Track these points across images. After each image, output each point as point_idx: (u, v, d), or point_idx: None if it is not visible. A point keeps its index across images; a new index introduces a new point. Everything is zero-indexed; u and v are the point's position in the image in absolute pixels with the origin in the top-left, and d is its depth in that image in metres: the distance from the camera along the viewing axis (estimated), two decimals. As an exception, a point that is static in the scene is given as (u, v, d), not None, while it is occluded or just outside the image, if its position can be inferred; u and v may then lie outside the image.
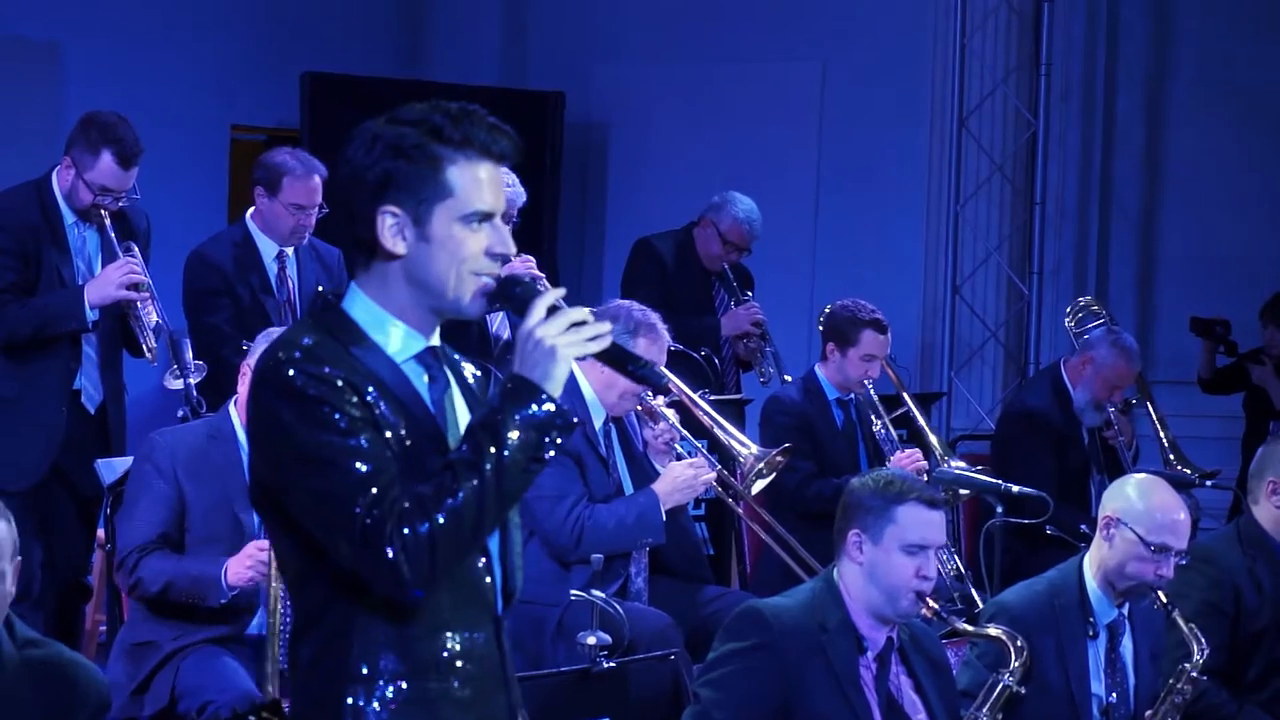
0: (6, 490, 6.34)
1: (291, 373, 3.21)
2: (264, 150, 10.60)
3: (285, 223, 7.42)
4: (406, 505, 3.15)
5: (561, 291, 3.33)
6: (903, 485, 5.04)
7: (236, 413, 6.06)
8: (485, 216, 3.31)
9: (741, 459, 6.69)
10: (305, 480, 3.21)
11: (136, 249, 6.86)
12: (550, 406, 3.22)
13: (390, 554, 3.14)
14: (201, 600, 5.80)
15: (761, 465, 6.70)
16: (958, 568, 7.57)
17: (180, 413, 6.76)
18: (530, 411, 3.21)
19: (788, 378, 8.75)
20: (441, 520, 3.15)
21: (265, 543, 5.52)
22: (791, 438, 7.51)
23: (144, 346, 6.88)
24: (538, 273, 7.48)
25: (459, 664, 3.32)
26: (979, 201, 10.58)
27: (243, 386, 6.05)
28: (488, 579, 3.38)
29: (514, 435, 3.18)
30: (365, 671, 3.27)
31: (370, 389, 3.24)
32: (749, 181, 9.36)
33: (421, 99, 3.36)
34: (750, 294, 9.11)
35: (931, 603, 5.00)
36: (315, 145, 8.55)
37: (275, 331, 6.08)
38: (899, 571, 4.95)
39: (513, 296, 3.32)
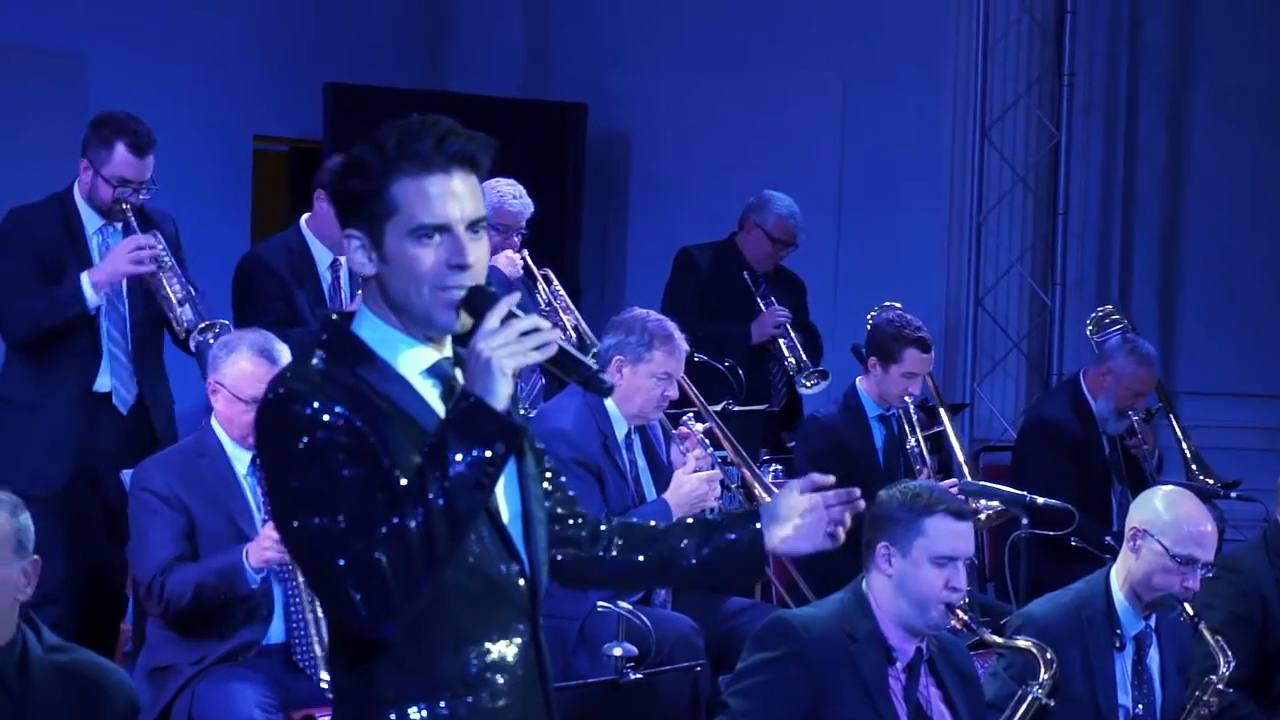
0: (29, 495, 6.35)
1: (293, 409, 3.22)
2: (287, 161, 10.75)
3: None
4: (359, 546, 3.13)
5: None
6: (931, 497, 5.06)
7: (219, 427, 6.08)
8: (439, 229, 3.28)
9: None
10: (289, 516, 3.22)
11: (159, 234, 6.87)
12: (492, 421, 3.17)
13: (348, 593, 3.14)
14: (233, 592, 5.80)
15: None
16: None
17: None
18: (472, 428, 3.17)
19: (806, 362, 8.82)
20: (390, 555, 3.12)
21: None
22: (826, 462, 7.53)
23: (175, 325, 6.86)
24: (522, 268, 7.50)
25: (488, 676, 3.31)
26: (1001, 212, 10.56)
27: (215, 402, 6.09)
28: (520, 582, 3.36)
29: (458, 457, 3.15)
30: (394, 694, 3.27)
31: (375, 416, 3.23)
32: (770, 191, 9.33)
33: (443, 110, 3.35)
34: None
35: (961, 614, 5.02)
36: (338, 157, 8.54)
37: (231, 339, 6.13)
38: (928, 583, 4.97)
39: (473, 308, 3.28)
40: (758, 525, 3.67)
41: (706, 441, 6.74)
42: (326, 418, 3.19)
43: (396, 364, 3.33)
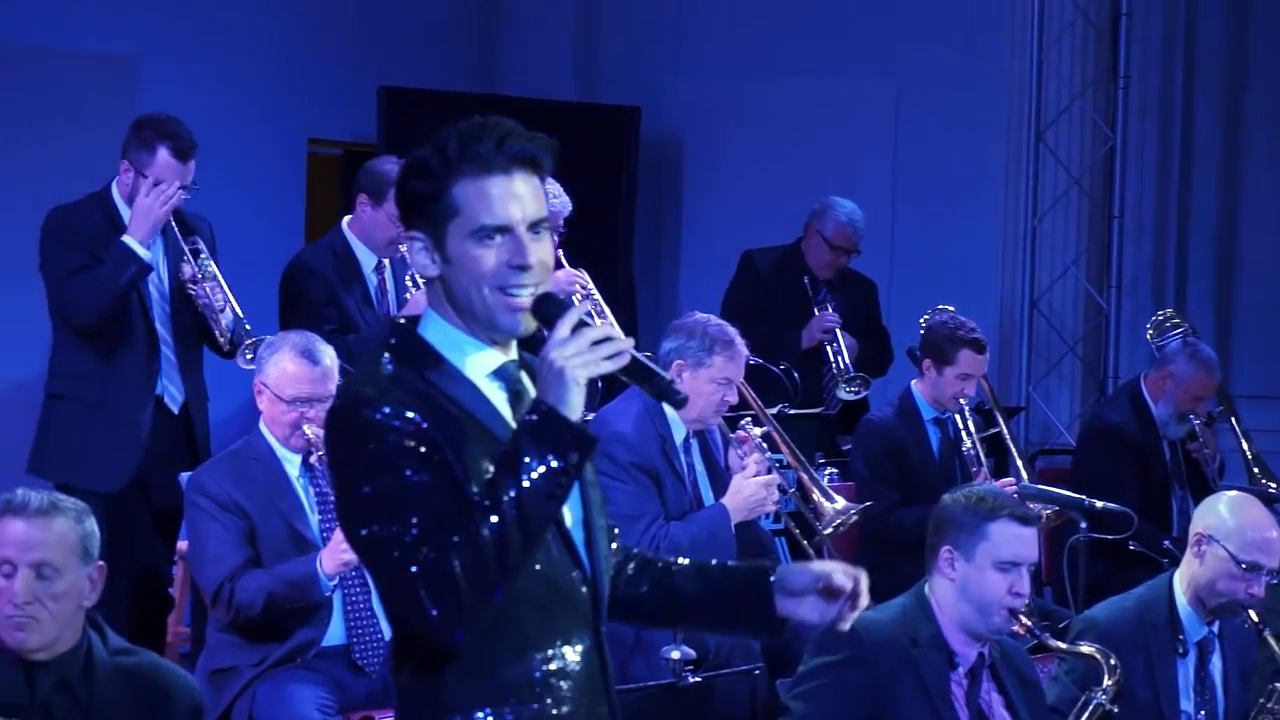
0: (94, 492, 6.38)
1: (363, 415, 3.20)
2: (341, 164, 10.77)
3: (386, 232, 7.40)
4: (433, 554, 3.11)
5: (585, 307, 3.27)
6: (995, 502, 5.05)
7: (267, 430, 6.10)
8: (500, 230, 3.28)
9: (823, 510, 6.73)
10: (360, 523, 3.21)
11: (200, 242, 6.90)
12: (567, 431, 3.16)
13: (422, 601, 3.13)
14: (306, 600, 5.83)
15: (839, 520, 6.78)
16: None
17: None
18: (546, 438, 3.15)
19: (850, 366, 8.80)
20: (464, 563, 3.11)
21: None
22: (882, 464, 7.61)
23: (217, 335, 6.90)
24: (587, 288, 7.47)
25: (553, 682, 3.30)
26: (1056, 215, 10.54)
27: (259, 402, 6.12)
28: (583, 589, 3.35)
29: (533, 466, 3.14)
30: (460, 700, 3.26)
31: (445, 421, 3.22)
32: (824, 196, 9.31)
33: (497, 113, 3.34)
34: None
35: (1024, 619, 5.00)
36: (392, 160, 8.55)
37: (275, 339, 6.16)
38: (991, 588, 4.96)
39: (543, 316, 3.27)
40: (768, 590, 3.59)
41: (764, 446, 6.74)
42: (397, 423, 3.18)
43: (463, 367, 3.32)
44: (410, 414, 3.19)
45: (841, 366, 8.87)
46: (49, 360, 7.02)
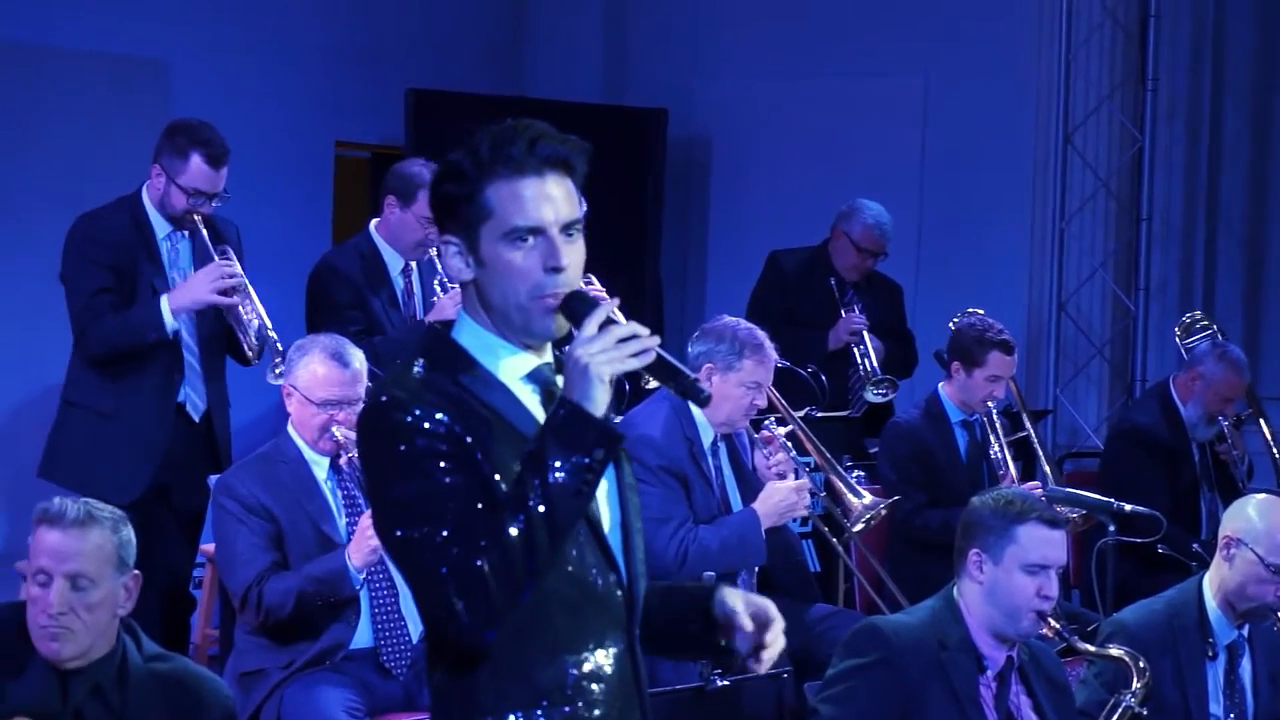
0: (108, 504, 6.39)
1: (394, 417, 3.21)
2: (368, 167, 10.78)
3: (414, 235, 7.40)
4: (461, 555, 3.12)
5: (614, 303, 3.27)
6: (1023, 505, 5.05)
7: (295, 432, 6.11)
8: (532, 231, 3.28)
9: (851, 506, 6.73)
10: (391, 525, 3.22)
11: (232, 252, 6.87)
12: (591, 428, 3.17)
13: (450, 601, 3.13)
14: (338, 596, 5.84)
15: (868, 514, 6.79)
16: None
17: None
18: (571, 435, 3.16)
19: (877, 367, 8.79)
20: (492, 563, 3.12)
21: None
22: (909, 466, 7.61)
23: (244, 347, 6.89)
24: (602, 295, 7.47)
25: (585, 685, 3.30)
26: (1084, 218, 10.48)
27: (288, 405, 6.12)
28: (618, 593, 3.35)
29: (558, 464, 3.15)
30: (492, 702, 3.26)
31: (477, 424, 3.22)
32: (851, 197, 9.29)
33: (524, 116, 3.35)
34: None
35: (1053, 622, 5.01)
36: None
37: (305, 342, 6.16)
38: (1020, 591, 4.96)
39: (571, 313, 3.27)
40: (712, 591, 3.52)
41: (789, 445, 6.75)
42: (427, 425, 3.19)
43: (497, 370, 3.32)
44: (441, 416, 3.20)
45: (869, 369, 8.85)
46: (67, 366, 7.03)
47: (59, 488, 6.80)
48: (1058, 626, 5.04)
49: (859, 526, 6.80)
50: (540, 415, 3.31)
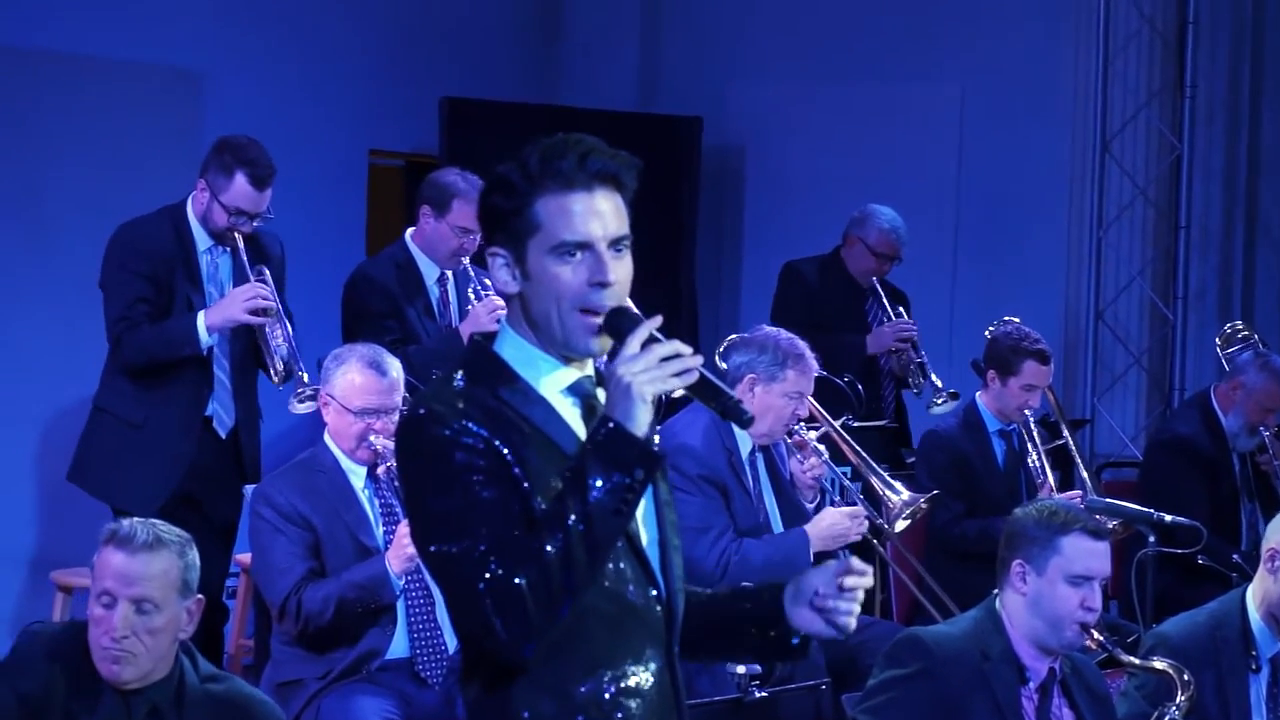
0: (127, 513, 6.37)
1: (432, 431, 3.21)
2: (402, 175, 10.76)
3: (449, 245, 7.41)
4: (499, 570, 3.12)
5: (656, 321, 3.25)
6: (1067, 516, 5.03)
7: (331, 441, 6.10)
8: (580, 246, 3.27)
9: (890, 504, 6.70)
10: (429, 539, 3.22)
11: (268, 273, 6.87)
12: (632, 448, 3.16)
13: (488, 617, 3.13)
14: (378, 602, 5.84)
15: (907, 511, 6.78)
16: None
17: None
18: (612, 454, 3.16)
19: (938, 380, 8.73)
20: (529, 580, 3.12)
21: None
22: (947, 476, 7.60)
23: (271, 370, 6.89)
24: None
25: (623, 700, 3.29)
26: (1122, 225, 10.47)
27: (325, 414, 6.13)
28: (657, 608, 3.34)
29: (598, 483, 3.15)
30: (527, 716, 3.25)
31: (516, 439, 3.22)
32: (886, 204, 9.24)
33: (558, 124, 3.40)
34: (903, 310, 9.07)
35: (1096, 634, 4.98)
36: (453, 171, 8.53)
37: (342, 351, 6.16)
38: (1063, 602, 4.95)
39: (614, 330, 3.27)
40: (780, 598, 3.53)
41: (822, 450, 6.75)
42: (466, 439, 3.19)
43: (538, 384, 3.31)
44: (479, 431, 3.20)
45: (931, 379, 8.79)
46: (101, 371, 7.05)
47: (90, 495, 6.93)
48: (1101, 638, 5.00)
49: (901, 525, 6.79)
50: (580, 429, 3.31)
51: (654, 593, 3.33)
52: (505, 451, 3.20)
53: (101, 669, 4.37)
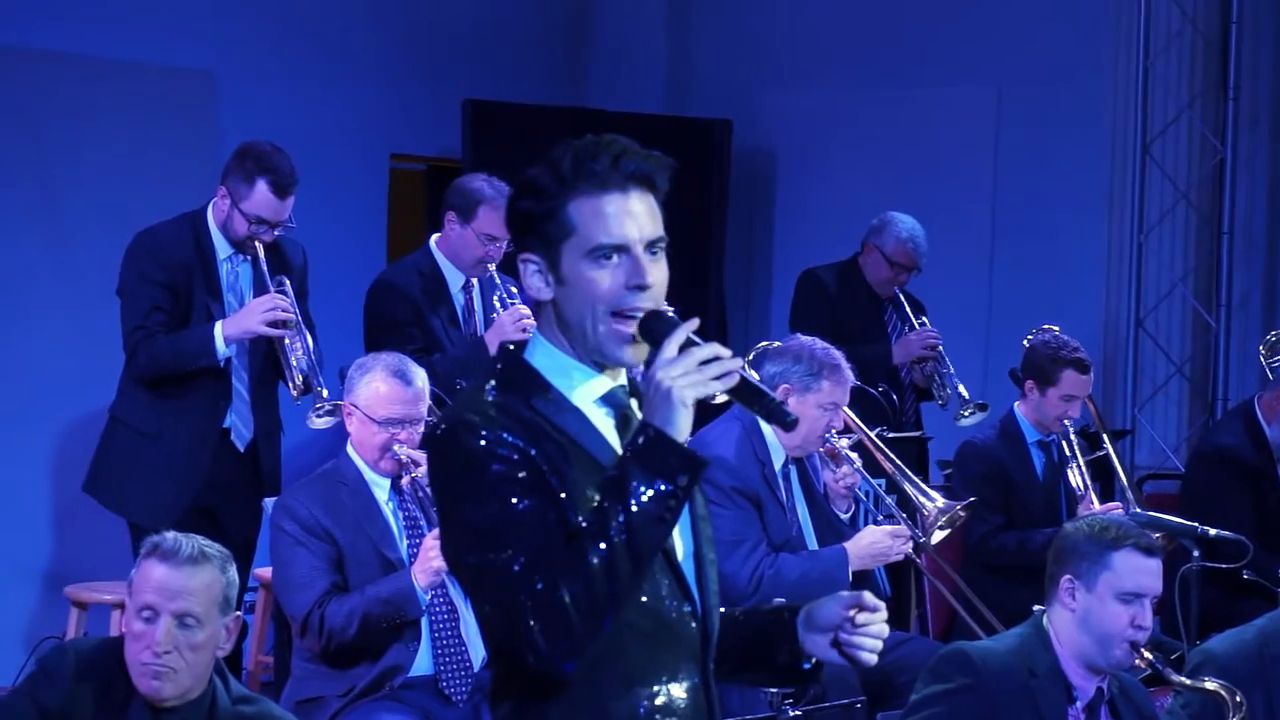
0: (141, 526, 6.33)
1: (467, 441, 3.16)
2: (424, 180, 10.69)
3: (474, 252, 7.40)
4: (541, 583, 3.08)
5: (693, 324, 3.20)
6: (1119, 531, 5.02)
7: (354, 452, 6.06)
8: (617, 249, 3.23)
9: (926, 511, 6.67)
10: (464, 552, 3.19)
11: (288, 284, 6.86)
12: (674, 454, 3.12)
13: (530, 631, 3.09)
14: (404, 617, 5.81)
15: (944, 519, 6.76)
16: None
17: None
18: (654, 461, 3.12)
19: (964, 391, 8.66)
20: (573, 592, 3.08)
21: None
22: (984, 487, 7.60)
23: (290, 383, 6.87)
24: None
25: (659, 718, 3.24)
26: (1163, 231, 10.36)
27: (349, 424, 6.10)
28: (693, 624, 3.29)
29: (641, 490, 3.11)
30: None
31: (550, 449, 3.18)
32: (921, 211, 9.21)
33: (585, 127, 3.36)
34: (925, 319, 8.95)
35: (1146, 653, 4.95)
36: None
37: (366, 360, 6.15)
38: (1113, 620, 4.93)
39: (650, 334, 3.22)
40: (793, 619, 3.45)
41: (853, 457, 6.73)
42: (502, 450, 3.14)
43: (570, 393, 3.28)
44: (514, 441, 3.16)
45: (957, 389, 8.67)
46: (119, 380, 7.01)
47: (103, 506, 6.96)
48: (1150, 657, 4.95)
49: (938, 534, 6.78)
50: (614, 439, 3.28)
51: (689, 608, 3.29)
52: (540, 462, 3.16)
53: (140, 685, 4.35)
